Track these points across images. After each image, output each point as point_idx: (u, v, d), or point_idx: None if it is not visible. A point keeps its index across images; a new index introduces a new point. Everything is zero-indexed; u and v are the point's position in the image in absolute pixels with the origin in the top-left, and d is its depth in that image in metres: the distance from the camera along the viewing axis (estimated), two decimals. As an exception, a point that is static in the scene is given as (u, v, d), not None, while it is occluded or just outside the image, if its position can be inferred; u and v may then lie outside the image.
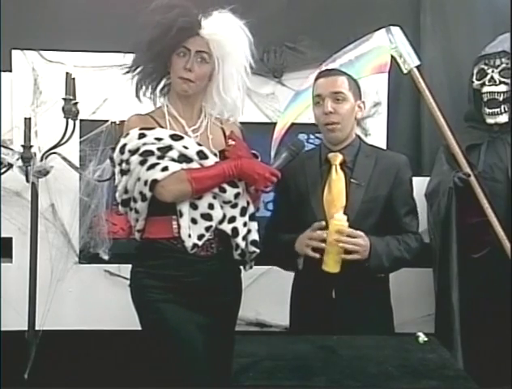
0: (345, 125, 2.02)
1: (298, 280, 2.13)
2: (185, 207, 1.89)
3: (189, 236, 1.89)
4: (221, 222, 1.93)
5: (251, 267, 2.09)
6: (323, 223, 1.94)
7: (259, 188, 1.94)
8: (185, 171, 1.87)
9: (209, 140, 1.98)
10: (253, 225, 2.03)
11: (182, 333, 1.89)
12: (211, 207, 1.91)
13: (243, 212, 1.98)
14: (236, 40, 1.96)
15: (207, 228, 1.91)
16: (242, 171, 1.90)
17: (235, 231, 1.95)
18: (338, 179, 2.02)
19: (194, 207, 1.91)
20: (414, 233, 2.07)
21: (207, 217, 1.91)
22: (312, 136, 2.83)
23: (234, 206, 1.95)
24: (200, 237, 1.90)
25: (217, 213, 1.92)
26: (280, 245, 2.04)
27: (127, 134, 1.91)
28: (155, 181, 1.84)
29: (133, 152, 1.87)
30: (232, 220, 1.95)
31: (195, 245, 1.90)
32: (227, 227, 1.94)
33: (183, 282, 1.91)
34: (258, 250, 2.03)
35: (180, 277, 1.91)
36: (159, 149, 1.86)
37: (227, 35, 1.95)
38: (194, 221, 1.90)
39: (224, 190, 1.91)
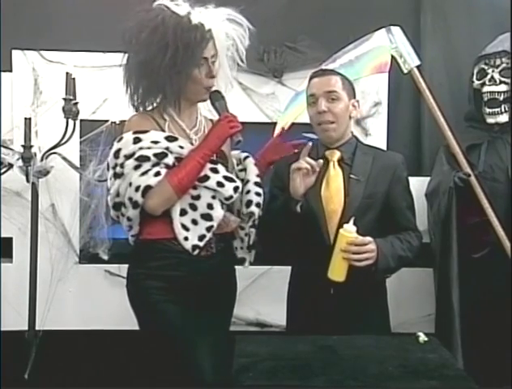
0: (339, 124, 2.02)
1: (295, 279, 2.13)
2: (174, 213, 1.89)
3: (186, 238, 1.89)
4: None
5: (251, 263, 2.10)
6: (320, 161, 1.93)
7: (233, 135, 1.91)
8: (166, 178, 1.85)
9: None
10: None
11: (186, 333, 1.89)
12: (210, 207, 1.91)
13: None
14: (233, 33, 1.97)
15: (208, 229, 1.91)
16: (212, 145, 1.89)
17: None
18: (336, 175, 2.03)
19: (193, 208, 1.90)
20: (414, 230, 2.08)
21: (208, 217, 1.91)
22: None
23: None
24: (201, 237, 1.90)
25: (217, 213, 1.92)
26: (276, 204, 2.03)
27: (121, 138, 1.89)
28: (148, 187, 1.83)
29: (128, 157, 1.86)
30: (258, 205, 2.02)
31: (196, 246, 1.90)
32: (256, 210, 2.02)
33: (185, 282, 1.90)
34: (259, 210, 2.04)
35: (181, 277, 1.91)
36: (155, 155, 1.85)
37: (226, 30, 1.95)
38: (194, 222, 1.90)
39: (221, 185, 1.91)
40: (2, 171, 2.55)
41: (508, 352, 2.21)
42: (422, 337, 1.79)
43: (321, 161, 1.93)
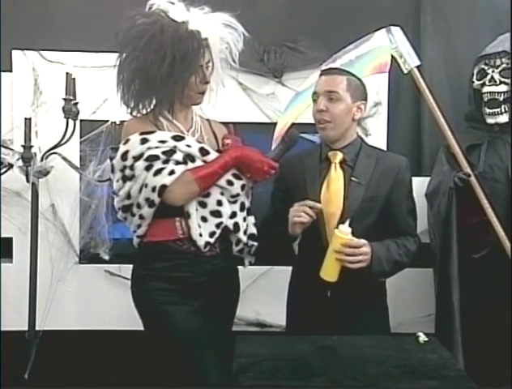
0: (338, 124, 2.01)
1: (294, 280, 2.13)
2: (192, 208, 1.90)
3: (201, 235, 1.90)
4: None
5: (251, 263, 2.11)
6: (317, 204, 1.94)
7: (257, 179, 1.97)
8: (190, 171, 1.87)
9: (205, 141, 1.99)
10: (251, 219, 2.06)
11: (192, 334, 1.89)
12: (219, 203, 1.92)
13: (242, 207, 2.00)
14: (228, 37, 1.96)
15: (218, 225, 1.92)
16: (241, 163, 1.93)
17: (236, 226, 1.97)
18: (337, 177, 2.03)
19: (202, 205, 1.91)
20: (412, 236, 2.07)
21: (217, 214, 1.92)
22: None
23: (235, 201, 1.97)
24: (212, 234, 1.92)
25: (226, 209, 1.93)
26: (276, 232, 2.03)
27: (127, 140, 1.88)
28: (164, 187, 1.84)
29: (137, 158, 1.86)
30: (234, 215, 1.96)
31: (208, 243, 1.91)
32: (229, 222, 1.95)
33: (190, 283, 1.91)
34: (256, 243, 2.05)
35: (187, 278, 1.91)
36: (164, 153, 1.85)
37: (221, 35, 1.95)
38: (204, 219, 1.91)
39: (231, 183, 1.93)
40: (2, 171, 2.55)
41: (508, 352, 2.21)
42: (422, 337, 1.79)
43: (319, 206, 1.93)
